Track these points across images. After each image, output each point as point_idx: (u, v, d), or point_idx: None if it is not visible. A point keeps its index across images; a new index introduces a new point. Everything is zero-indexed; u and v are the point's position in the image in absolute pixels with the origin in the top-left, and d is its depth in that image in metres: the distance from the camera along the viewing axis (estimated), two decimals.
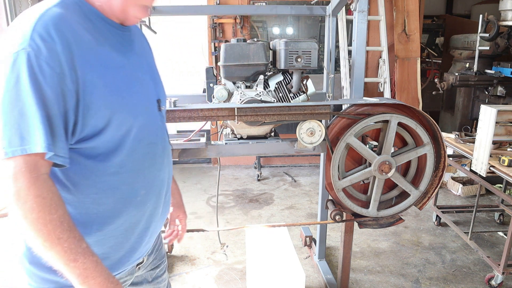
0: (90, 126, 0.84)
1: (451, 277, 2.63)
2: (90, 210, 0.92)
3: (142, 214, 1.01)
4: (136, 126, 0.92)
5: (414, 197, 1.83)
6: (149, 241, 1.10)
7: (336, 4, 2.15)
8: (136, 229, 1.02)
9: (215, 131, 4.24)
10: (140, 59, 1.00)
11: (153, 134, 1.00)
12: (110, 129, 0.86)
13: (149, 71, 1.03)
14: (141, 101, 0.95)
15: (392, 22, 4.53)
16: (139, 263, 1.12)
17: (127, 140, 0.91)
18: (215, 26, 4.45)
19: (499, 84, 3.88)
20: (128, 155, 0.92)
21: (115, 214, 0.95)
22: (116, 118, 0.87)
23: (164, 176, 1.07)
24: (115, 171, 0.91)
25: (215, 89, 1.85)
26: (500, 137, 2.42)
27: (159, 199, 1.06)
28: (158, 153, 1.02)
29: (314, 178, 4.51)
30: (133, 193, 0.97)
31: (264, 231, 2.60)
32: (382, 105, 1.79)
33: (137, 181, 0.97)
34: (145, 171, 0.99)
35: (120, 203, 0.95)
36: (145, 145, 0.97)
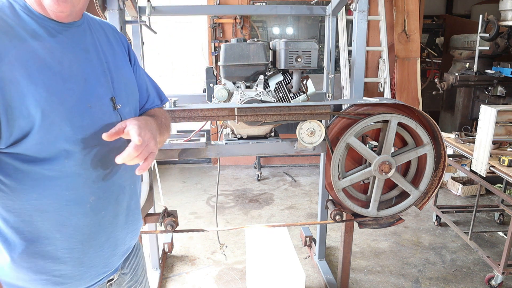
0: (18, 127, 0.78)
1: (451, 277, 2.63)
2: (34, 218, 0.86)
3: (96, 223, 0.94)
4: (74, 127, 0.84)
5: (414, 197, 1.83)
6: (114, 254, 1.02)
7: (336, 4, 2.15)
8: (94, 241, 0.94)
9: (215, 131, 4.24)
10: (88, 54, 0.92)
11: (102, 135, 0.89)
12: (41, 131, 0.80)
13: (102, 68, 0.94)
14: (80, 98, 0.87)
15: (392, 22, 4.53)
16: (110, 280, 1.04)
17: (64, 142, 0.83)
18: (215, 26, 4.45)
19: (499, 84, 3.88)
20: (68, 158, 0.85)
21: (63, 223, 0.88)
22: (46, 118, 0.80)
23: (123, 181, 0.99)
24: (54, 176, 0.85)
25: (215, 89, 1.85)
26: (500, 137, 2.42)
27: (118, 207, 0.99)
28: (110, 156, 0.91)
29: (314, 178, 4.51)
30: (79, 200, 0.89)
31: (264, 231, 2.60)
32: (382, 105, 1.79)
33: (82, 187, 0.89)
34: (93, 175, 0.90)
35: (66, 210, 0.88)
36: (90, 147, 0.88)
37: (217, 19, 4.43)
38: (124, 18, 1.86)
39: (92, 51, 0.94)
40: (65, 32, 0.89)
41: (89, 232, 0.93)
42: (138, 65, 1.13)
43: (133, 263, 1.16)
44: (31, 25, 0.84)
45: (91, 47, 0.94)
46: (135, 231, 1.09)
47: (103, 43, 1.00)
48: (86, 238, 0.93)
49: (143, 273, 1.22)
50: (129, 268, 1.13)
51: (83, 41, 0.93)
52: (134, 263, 1.16)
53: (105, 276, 1.02)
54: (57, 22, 0.88)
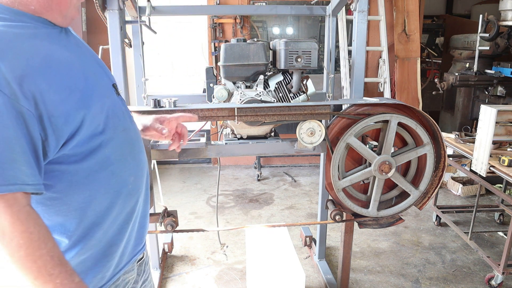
0: (65, 134, 0.80)
1: (451, 277, 2.63)
2: (89, 214, 0.89)
3: (135, 201, 1.00)
4: (106, 117, 0.89)
5: (414, 197, 1.83)
6: (143, 226, 1.08)
7: (336, 4, 2.15)
8: (132, 217, 1.00)
9: (215, 131, 4.24)
10: (81, 49, 0.95)
11: (123, 120, 0.97)
12: (84, 129, 0.83)
13: (94, 58, 0.98)
14: (102, 90, 0.92)
15: (392, 22, 4.53)
16: (140, 259, 1.11)
17: (103, 133, 0.88)
18: (215, 26, 4.45)
19: (499, 84, 3.88)
20: (108, 147, 0.89)
21: (113, 209, 0.93)
22: (88, 116, 0.83)
23: (144, 157, 1.05)
24: (100, 167, 0.89)
25: (215, 89, 1.85)
26: (500, 137, 2.42)
27: (144, 182, 1.05)
28: (133, 137, 1.00)
29: (314, 178, 4.51)
30: (124, 183, 0.95)
31: (264, 231, 2.60)
32: (382, 105, 1.79)
33: (124, 170, 0.95)
34: (128, 157, 0.97)
35: (115, 197, 0.93)
36: (120, 132, 0.94)
37: (217, 19, 4.43)
38: (124, 18, 1.86)
39: (82, 46, 0.96)
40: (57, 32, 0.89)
41: (131, 210, 0.99)
42: None
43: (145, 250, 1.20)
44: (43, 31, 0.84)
45: (80, 43, 0.96)
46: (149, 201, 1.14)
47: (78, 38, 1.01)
48: (129, 216, 0.99)
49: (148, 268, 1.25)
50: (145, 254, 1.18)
51: (71, 38, 0.94)
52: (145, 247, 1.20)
53: (138, 251, 1.07)
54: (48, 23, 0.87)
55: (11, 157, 0.70)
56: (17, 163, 0.71)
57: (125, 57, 1.85)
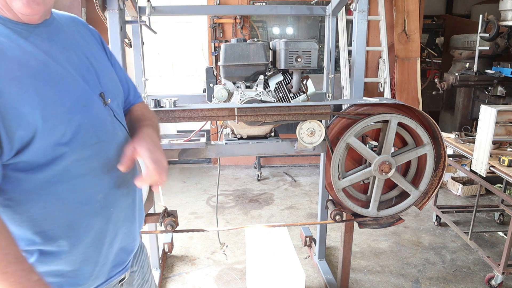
0: (19, 138, 0.76)
1: (451, 277, 2.63)
2: (44, 227, 0.84)
3: (107, 220, 0.93)
4: (73, 127, 0.83)
5: (414, 197, 1.83)
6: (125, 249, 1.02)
7: (336, 4, 2.15)
8: (105, 239, 0.94)
9: (215, 131, 4.24)
10: (68, 53, 0.89)
11: (100, 132, 0.90)
12: (42, 137, 0.78)
13: (83, 64, 0.92)
14: (74, 99, 0.85)
15: (392, 22, 4.53)
16: (122, 279, 1.04)
17: (65, 144, 0.82)
18: (215, 26, 4.45)
19: (499, 84, 3.88)
20: (71, 160, 0.83)
21: (74, 225, 0.87)
22: (46, 124, 0.78)
23: (126, 175, 0.97)
24: (59, 180, 0.83)
25: (215, 89, 1.85)
26: (500, 137, 2.42)
27: (125, 201, 0.98)
28: (111, 152, 0.92)
29: (314, 178, 4.51)
30: (88, 200, 0.88)
31: (264, 231, 2.60)
32: (382, 105, 1.79)
33: (89, 186, 0.88)
34: (98, 173, 0.89)
35: (75, 213, 0.87)
36: (90, 146, 0.87)
37: (217, 19, 4.43)
38: (124, 18, 1.86)
39: (70, 49, 0.91)
40: (39, 33, 0.86)
41: (101, 230, 0.92)
42: (114, 58, 1.11)
43: (140, 260, 1.15)
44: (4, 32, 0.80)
45: (68, 44, 0.91)
46: (140, 225, 1.09)
47: (78, 38, 0.97)
48: (99, 236, 0.92)
49: (148, 270, 1.21)
50: (137, 266, 1.13)
51: (58, 39, 0.90)
52: (141, 260, 1.16)
53: (117, 273, 1.01)
54: (29, 24, 0.84)
55: None
56: None
57: (125, 57, 1.85)
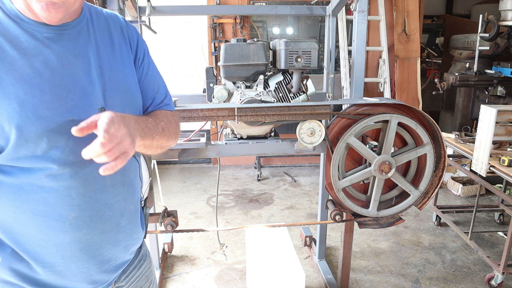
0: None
1: (451, 277, 2.63)
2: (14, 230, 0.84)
3: (77, 241, 0.89)
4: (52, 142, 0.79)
5: (414, 197, 1.83)
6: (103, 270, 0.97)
7: (336, 4, 2.15)
8: (76, 258, 0.90)
9: (215, 131, 4.24)
10: (77, 61, 0.85)
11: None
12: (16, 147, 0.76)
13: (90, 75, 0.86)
14: (62, 112, 0.80)
15: (392, 22, 4.53)
16: None
17: (41, 158, 0.79)
18: (215, 26, 4.45)
19: (499, 84, 3.88)
20: (46, 174, 0.81)
21: (43, 238, 0.85)
22: (21, 135, 0.75)
23: (109, 198, 0.92)
24: (31, 190, 0.81)
25: (215, 89, 1.85)
26: (500, 137, 2.42)
27: (104, 225, 0.92)
28: (94, 173, 0.84)
29: (314, 178, 4.51)
30: (58, 217, 0.85)
31: (264, 231, 2.60)
32: (382, 105, 1.79)
33: (61, 204, 0.84)
34: (73, 192, 0.85)
35: (44, 226, 0.84)
36: (69, 164, 0.82)
37: (217, 19, 4.43)
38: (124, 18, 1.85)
39: (81, 57, 0.86)
40: (56, 36, 0.82)
41: (71, 249, 0.89)
42: (149, 62, 1.04)
43: (133, 276, 1.09)
44: (14, 32, 0.78)
45: (82, 51, 0.86)
46: (130, 246, 1.03)
47: (101, 43, 0.91)
48: (68, 255, 0.89)
49: (147, 284, 1.15)
50: (126, 281, 1.07)
51: (73, 45, 0.85)
52: (134, 275, 1.10)
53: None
54: (48, 25, 0.81)
55: None
56: None
57: None
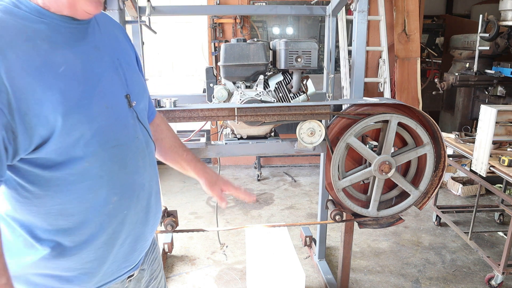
0: (37, 135, 0.77)
1: (451, 277, 2.63)
2: (60, 222, 0.86)
3: (119, 222, 0.94)
4: (93, 129, 0.83)
5: (414, 197, 1.83)
6: (135, 249, 1.03)
7: (336, 4, 2.15)
8: (117, 240, 0.95)
9: (215, 131, 4.24)
10: (99, 52, 0.90)
11: (120, 135, 0.90)
12: (61, 136, 0.79)
13: (113, 65, 0.93)
14: (98, 100, 0.85)
15: (392, 22, 4.53)
16: (130, 276, 1.05)
17: (85, 145, 0.83)
18: (215, 26, 4.45)
19: (499, 84, 3.88)
20: (89, 161, 0.84)
21: (87, 225, 0.89)
22: (65, 124, 0.78)
23: (142, 179, 0.98)
24: (76, 180, 0.84)
25: (215, 89, 1.85)
26: (500, 137, 2.42)
27: (138, 205, 0.98)
28: (129, 155, 0.93)
29: (314, 178, 4.51)
30: (102, 202, 0.89)
31: (264, 231, 2.60)
32: (382, 105, 1.79)
33: (105, 188, 0.89)
34: (114, 176, 0.90)
35: (90, 213, 0.88)
36: (109, 148, 0.87)
37: (217, 19, 4.43)
38: (124, 18, 1.86)
39: (102, 48, 0.92)
40: (75, 30, 0.86)
41: (113, 232, 0.93)
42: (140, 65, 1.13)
43: (150, 258, 1.16)
44: (39, 26, 0.80)
45: (101, 44, 0.92)
46: (154, 226, 1.09)
47: (112, 39, 0.97)
48: (110, 237, 0.93)
49: (159, 268, 1.22)
50: (147, 264, 1.14)
51: (93, 38, 0.90)
52: (151, 258, 1.17)
53: (126, 271, 1.03)
54: (69, 19, 0.84)
55: None
56: None
57: None
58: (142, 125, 0.99)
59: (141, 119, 0.99)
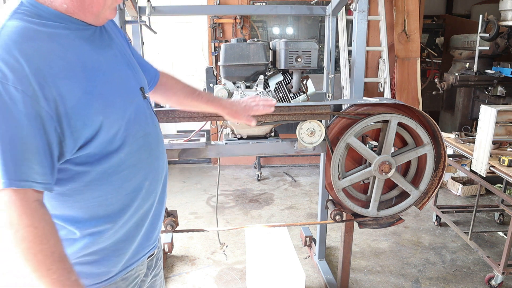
0: (83, 137, 0.82)
1: (451, 277, 2.63)
2: (99, 213, 0.92)
3: (150, 204, 1.02)
4: (126, 122, 0.90)
5: (414, 197, 1.83)
6: (155, 228, 1.10)
7: (336, 4, 2.15)
8: (146, 220, 1.03)
9: (215, 131, 4.24)
10: (113, 50, 0.95)
11: (144, 125, 0.98)
12: (103, 133, 0.85)
13: (125, 60, 0.98)
14: (125, 96, 0.92)
15: (392, 22, 4.53)
16: (151, 255, 1.12)
17: (121, 139, 0.89)
18: (215, 26, 4.45)
19: (499, 84, 3.88)
20: (124, 152, 0.91)
21: (124, 210, 0.95)
22: (106, 121, 0.84)
23: (162, 163, 1.06)
24: (114, 171, 0.90)
25: (215, 89, 1.85)
26: (500, 137, 2.42)
27: (160, 186, 1.07)
28: (153, 142, 1.01)
29: (314, 178, 4.51)
30: (138, 188, 0.97)
31: (264, 231, 2.60)
32: (382, 105, 1.79)
33: (139, 175, 0.96)
34: (144, 163, 0.97)
35: (127, 199, 0.95)
36: (139, 138, 0.95)
37: (217, 19, 4.43)
38: (124, 18, 1.86)
39: (113, 47, 0.96)
40: (94, 33, 0.90)
41: (144, 213, 1.01)
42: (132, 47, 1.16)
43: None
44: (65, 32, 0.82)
45: (111, 43, 0.96)
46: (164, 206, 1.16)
47: (115, 37, 1.01)
48: (141, 218, 1.01)
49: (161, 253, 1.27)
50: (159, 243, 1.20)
51: (105, 38, 0.94)
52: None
53: (148, 250, 1.09)
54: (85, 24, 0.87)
55: (25, 156, 0.73)
56: (30, 162, 0.74)
57: None
58: (154, 114, 1.06)
59: (152, 108, 1.06)
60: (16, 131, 0.72)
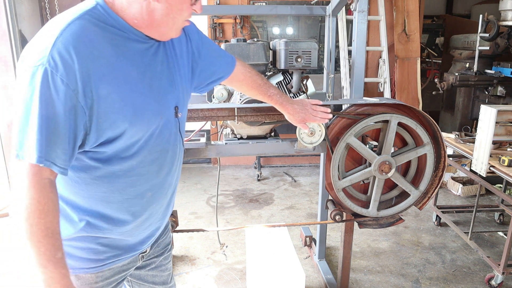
0: (105, 136, 0.88)
1: (451, 277, 2.63)
2: (99, 206, 0.98)
3: (148, 212, 1.07)
4: (149, 135, 0.96)
5: (414, 197, 1.82)
6: (152, 235, 1.16)
7: (336, 4, 2.15)
8: (142, 226, 1.09)
9: (215, 131, 4.24)
10: (162, 66, 1.00)
11: (165, 142, 1.03)
12: (123, 139, 0.91)
13: (170, 78, 1.02)
14: (156, 111, 0.97)
15: (392, 22, 4.53)
16: (143, 253, 1.18)
17: (138, 148, 0.95)
18: (215, 26, 4.45)
19: (499, 84, 3.88)
20: (137, 160, 0.97)
21: (123, 211, 1.01)
22: (130, 130, 0.90)
23: (172, 179, 1.11)
24: (123, 174, 0.96)
25: (215, 89, 1.85)
26: (500, 137, 2.42)
27: (164, 199, 1.12)
28: (167, 159, 1.06)
29: (314, 178, 4.51)
30: (139, 195, 1.02)
31: (264, 231, 2.60)
32: (382, 105, 1.79)
33: (144, 184, 1.01)
34: (153, 175, 1.03)
35: (127, 202, 1.01)
36: (155, 152, 1.00)
37: (217, 19, 4.43)
38: None
39: (165, 62, 1.01)
40: (151, 48, 0.96)
41: (142, 220, 1.07)
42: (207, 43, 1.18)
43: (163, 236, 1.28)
44: (123, 42, 0.89)
45: (165, 57, 1.01)
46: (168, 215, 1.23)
47: (172, 52, 1.04)
48: (138, 224, 1.07)
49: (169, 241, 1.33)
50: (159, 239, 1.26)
51: (159, 52, 0.99)
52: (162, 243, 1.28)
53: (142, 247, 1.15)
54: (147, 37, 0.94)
55: (53, 139, 0.80)
56: (56, 146, 0.81)
57: None
58: (180, 135, 1.11)
59: (181, 129, 1.11)
60: (53, 117, 0.79)
